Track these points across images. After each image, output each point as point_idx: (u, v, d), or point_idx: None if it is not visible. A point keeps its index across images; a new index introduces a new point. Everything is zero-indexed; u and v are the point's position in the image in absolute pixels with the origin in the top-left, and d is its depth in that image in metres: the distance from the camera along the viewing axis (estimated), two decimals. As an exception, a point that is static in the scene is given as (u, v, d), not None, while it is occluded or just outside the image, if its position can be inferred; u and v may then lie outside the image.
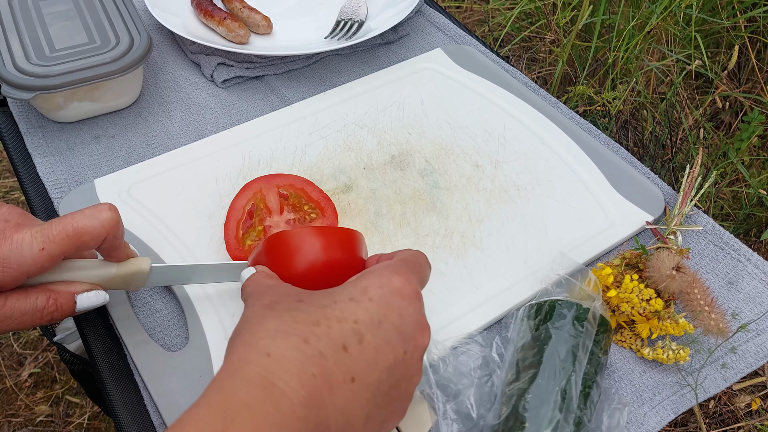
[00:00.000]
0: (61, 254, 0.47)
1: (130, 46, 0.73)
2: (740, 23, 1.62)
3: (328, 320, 0.40)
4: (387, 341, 0.41)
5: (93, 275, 0.51)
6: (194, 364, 0.54)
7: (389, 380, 0.41)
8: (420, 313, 0.44)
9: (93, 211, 0.48)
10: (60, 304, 0.49)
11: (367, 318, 0.41)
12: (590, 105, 1.51)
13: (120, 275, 0.52)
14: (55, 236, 0.47)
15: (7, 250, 0.45)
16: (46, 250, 0.46)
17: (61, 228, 0.47)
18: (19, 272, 0.46)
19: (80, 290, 0.50)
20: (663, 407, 0.55)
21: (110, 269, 0.51)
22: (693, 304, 0.58)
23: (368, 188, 0.69)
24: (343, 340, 0.39)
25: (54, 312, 0.49)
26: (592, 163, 0.72)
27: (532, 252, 0.64)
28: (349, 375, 0.39)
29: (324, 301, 0.42)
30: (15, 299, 0.48)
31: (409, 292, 0.43)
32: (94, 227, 0.48)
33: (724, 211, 1.51)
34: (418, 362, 0.43)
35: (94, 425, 1.36)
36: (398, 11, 0.88)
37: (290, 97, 0.81)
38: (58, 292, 0.49)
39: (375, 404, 0.40)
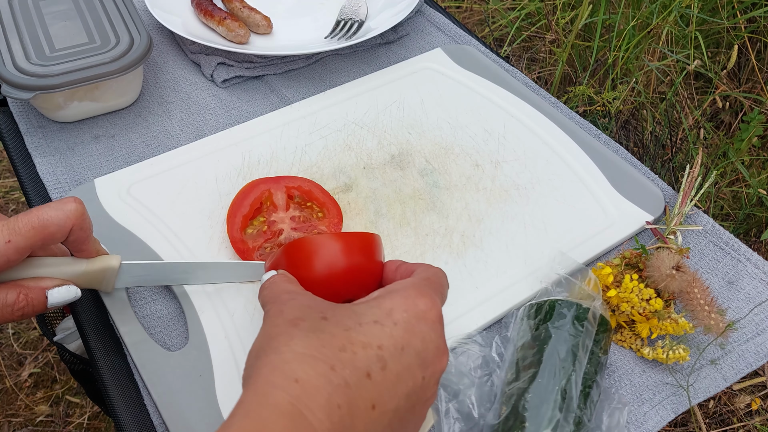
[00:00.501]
0: (28, 246, 0.47)
1: (130, 45, 0.73)
2: (740, 23, 1.62)
3: (353, 345, 0.40)
4: (408, 368, 0.41)
5: (63, 272, 0.51)
6: (194, 363, 0.54)
7: (406, 406, 0.41)
8: (441, 339, 0.44)
9: (58, 203, 0.49)
10: (30, 299, 0.49)
11: (391, 344, 0.41)
12: (590, 105, 1.51)
13: (90, 271, 0.52)
14: (21, 228, 0.47)
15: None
16: (13, 243, 0.46)
17: (27, 220, 0.47)
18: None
19: (51, 285, 0.50)
20: (663, 407, 0.55)
21: (80, 265, 0.52)
22: (693, 303, 0.58)
23: (368, 188, 0.69)
24: (367, 367, 0.39)
25: (25, 307, 0.49)
26: (592, 163, 0.72)
27: (532, 251, 0.64)
28: (370, 403, 0.39)
29: (348, 322, 0.41)
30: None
31: (433, 317, 0.43)
32: (59, 218, 0.48)
33: (724, 211, 1.51)
34: (434, 385, 0.43)
35: (94, 425, 1.36)
36: (398, 11, 0.88)
37: (290, 97, 0.81)
38: (28, 287, 0.49)
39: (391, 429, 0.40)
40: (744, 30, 1.64)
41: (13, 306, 0.49)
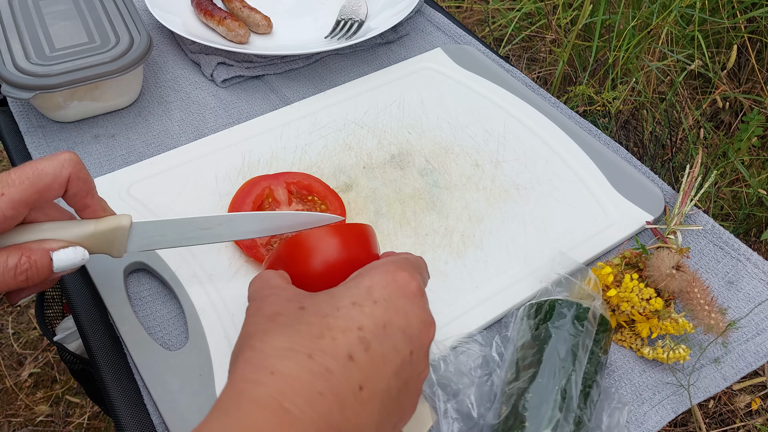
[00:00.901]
0: (23, 200, 0.44)
1: (130, 45, 0.73)
2: (740, 23, 1.62)
3: (332, 331, 0.39)
4: (393, 346, 0.40)
5: (69, 233, 0.48)
6: (194, 363, 0.54)
7: (398, 384, 0.40)
8: (424, 311, 0.43)
9: (52, 155, 0.46)
10: (34, 261, 0.46)
11: (372, 324, 0.40)
12: (590, 105, 1.51)
13: (99, 232, 0.48)
14: (14, 180, 0.44)
15: None
16: (6, 195, 0.44)
17: (20, 172, 0.45)
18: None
19: (56, 247, 0.47)
20: (663, 406, 0.55)
21: (88, 226, 0.48)
22: (693, 303, 0.58)
23: (368, 187, 0.69)
24: (349, 350, 0.39)
25: (28, 271, 0.46)
26: (592, 163, 0.72)
27: (532, 251, 0.64)
28: (357, 385, 0.38)
29: (326, 308, 0.41)
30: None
31: (414, 289, 0.43)
32: (54, 167, 0.45)
33: (724, 211, 1.51)
34: (424, 359, 0.42)
35: (94, 425, 1.36)
36: (398, 11, 0.88)
37: (290, 97, 0.81)
38: (31, 249, 0.46)
39: (386, 411, 0.40)
40: (744, 30, 1.64)
41: (16, 269, 0.45)
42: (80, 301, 0.60)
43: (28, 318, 1.52)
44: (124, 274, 0.60)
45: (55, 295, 1.07)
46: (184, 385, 0.53)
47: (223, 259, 0.62)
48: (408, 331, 0.41)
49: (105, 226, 0.49)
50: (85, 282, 0.61)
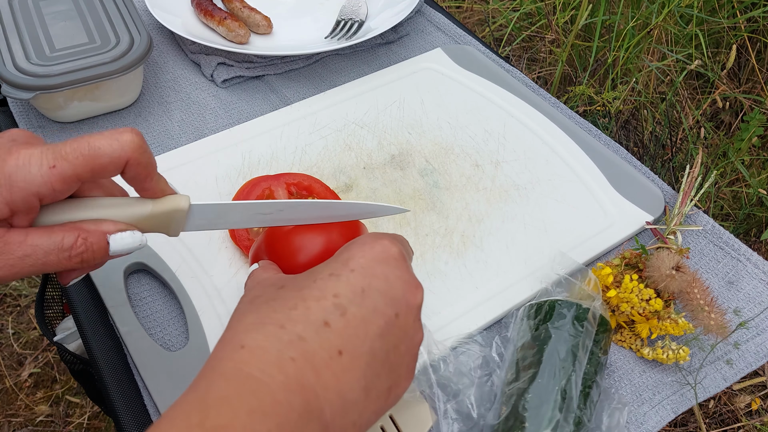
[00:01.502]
0: (75, 176, 0.42)
1: (130, 46, 0.73)
2: (740, 23, 1.62)
3: (306, 301, 0.39)
4: (374, 308, 0.40)
5: (126, 213, 0.45)
6: (194, 363, 0.54)
7: (384, 346, 0.40)
8: (407, 273, 0.42)
9: (112, 132, 0.43)
10: (90, 243, 0.43)
11: (349, 290, 0.40)
12: (590, 105, 1.51)
13: (156, 214, 0.46)
14: (68, 154, 0.41)
15: (14, 166, 0.40)
16: (58, 168, 0.41)
17: (75, 146, 0.42)
18: (27, 192, 0.41)
19: (113, 230, 0.44)
20: (663, 407, 0.55)
21: (145, 206, 0.45)
22: (693, 303, 0.58)
23: (368, 188, 0.69)
24: (324, 317, 0.38)
25: (84, 253, 0.43)
26: (592, 163, 0.72)
27: (532, 252, 0.64)
28: (335, 350, 0.38)
29: (304, 282, 0.41)
30: (37, 236, 0.42)
31: (394, 255, 0.42)
32: (112, 148, 0.42)
33: (724, 211, 1.51)
34: (414, 322, 0.42)
35: (94, 425, 1.36)
36: (398, 11, 0.88)
37: (290, 97, 0.81)
38: (87, 230, 0.43)
39: (373, 374, 0.39)
40: (744, 30, 1.64)
41: (71, 250, 0.42)
42: (80, 301, 0.60)
43: (28, 318, 1.52)
44: (124, 274, 0.60)
45: (55, 295, 1.07)
46: (184, 385, 0.53)
47: (223, 260, 0.62)
48: (390, 293, 0.41)
49: (162, 207, 0.46)
50: (85, 282, 0.61)
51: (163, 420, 0.33)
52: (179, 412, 0.34)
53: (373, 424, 0.40)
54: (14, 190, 0.40)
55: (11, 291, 1.56)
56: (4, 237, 0.41)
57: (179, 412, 0.34)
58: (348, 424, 0.38)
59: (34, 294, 1.53)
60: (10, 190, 0.40)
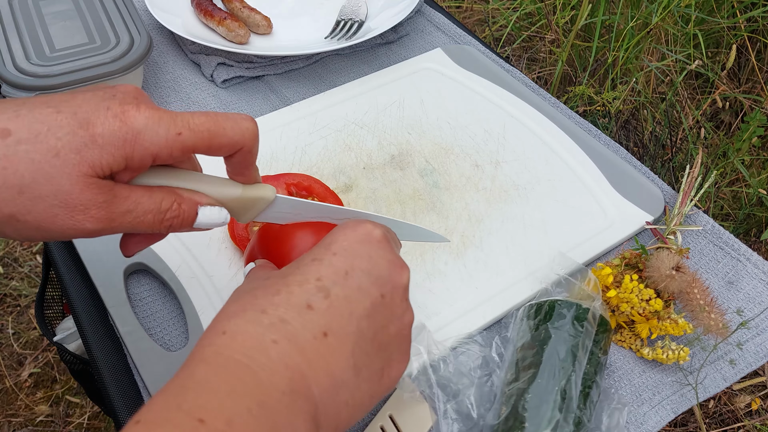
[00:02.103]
0: (194, 148, 0.43)
1: (130, 46, 0.73)
2: (740, 23, 1.62)
3: (289, 287, 0.39)
4: (358, 288, 0.40)
5: (218, 191, 0.46)
6: (194, 363, 0.54)
7: (372, 326, 0.40)
8: (392, 254, 0.43)
9: (235, 116, 0.44)
10: (183, 210, 0.44)
11: (331, 272, 0.40)
12: (590, 105, 1.51)
13: (244, 198, 0.47)
14: (196, 125, 0.42)
15: (142, 124, 0.40)
16: (183, 136, 0.42)
17: (204, 119, 0.43)
18: (148, 152, 0.41)
19: (204, 202, 0.45)
20: (662, 407, 0.55)
21: (236, 189, 0.47)
22: (693, 304, 0.58)
23: (368, 188, 0.69)
24: (306, 300, 0.39)
25: (175, 218, 0.44)
26: (592, 163, 0.72)
27: (532, 252, 0.64)
28: (319, 331, 0.38)
29: (288, 270, 0.41)
30: (140, 193, 0.43)
31: (377, 237, 0.43)
32: (234, 132, 0.43)
33: (724, 211, 1.51)
34: (402, 302, 0.42)
35: (94, 425, 1.37)
36: (398, 11, 0.88)
37: (290, 97, 0.81)
38: (183, 197, 0.44)
39: (363, 353, 0.39)
40: (743, 30, 1.64)
41: (165, 213, 0.44)
42: (80, 301, 0.60)
43: (28, 318, 1.52)
44: (124, 274, 0.60)
45: (55, 295, 1.07)
46: (184, 385, 0.53)
47: (223, 260, 0.62)
48: (374, 272, 0.41)
49: (251, 194, 0.47)
50: (85, 282, 0.61)
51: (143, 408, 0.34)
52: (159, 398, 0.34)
53: (368, 407, 0.40)
54: (137, 147, 0.41)
55: (11, 291, 1.56)
56: (112, 190, 0.41)
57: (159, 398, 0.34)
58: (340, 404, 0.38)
59: (34, 294, 1.53)
60: (133, 146, 0.40)
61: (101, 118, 0.40)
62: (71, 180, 0.39)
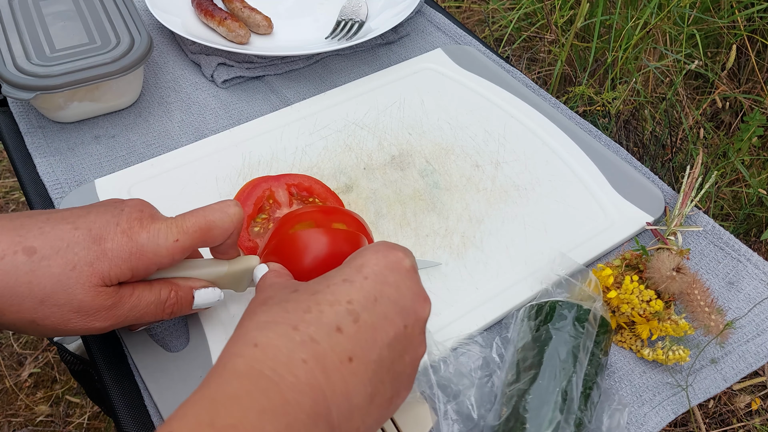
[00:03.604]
0: (192, 247, 0.48)
1: (131, 46, 0.73)
2: (739, 22, 1.62)
3: (320, 305, 0.40)
4: (385, 317, 0.41)
5: (208, 272, 0.51)
6: (195, 364, 0.54)
7: (391, 355, 0.40)
8: (417, 285, 0.43)
9: (222, 205, 0.49)
10: (180, 297, 0.50)
11: (362, 297, 0.41)
12: (590, 105, 1.51)
13: (231, 273, 0.52)
14: (188, 228, 0.47)
15: (145, 239, 0.46)
16: (180, 242, 0.47)
17: (195, 221, 0.48)
18: (152, 262, 0.47)
19: (198, 286, 0.51)
20: (663, 407, 0.55)
21: (222, 267, 0.52)
22: (693, 304, 0.58)
23: (368, 188, 0.69)
24: (337, 322, 0.39)
25: (174, 305, 0.50)
26: (592, 164, 0.72)
27: (532, 252, 0.64)
28: (345, 355, 0.38)
29: (318, 287, 0.42)
30: (142, 289, 0.48)
31: (407, 266, 0.43)
32: (224, 222, 0.48)
33: (724, 211, 1.51)
34: (420, 334, 0.43)
35: (94, 425, 1.36)
36: (398, 11, 0.88)
37: (290, 98, 0.81)
38: (179, 285, 0.50)
39: (378, 381, 0.40)
40: (743, 30, 1.64)
41: (165, 302, 0.49)
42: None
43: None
44: (124, 275, 0.60)
45: (55, 296, 1.07)
46: (185, 386, 0.53)
47: (223, 260, 0.62)
48: (400, 302, 0.42)
49: (237, 267, 0.52)
50: (86, 283, 0.61)
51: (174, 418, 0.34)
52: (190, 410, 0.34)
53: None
54: (142, 260, 0.46)
55: (11, 291, 1.56)
56: (118, 293, 0.47)
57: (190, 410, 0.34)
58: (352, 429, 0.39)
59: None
60: (139, 259, 0.46)
61: (111, 233, 0.46)
62: (84, 290, 0.45)
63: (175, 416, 0.34)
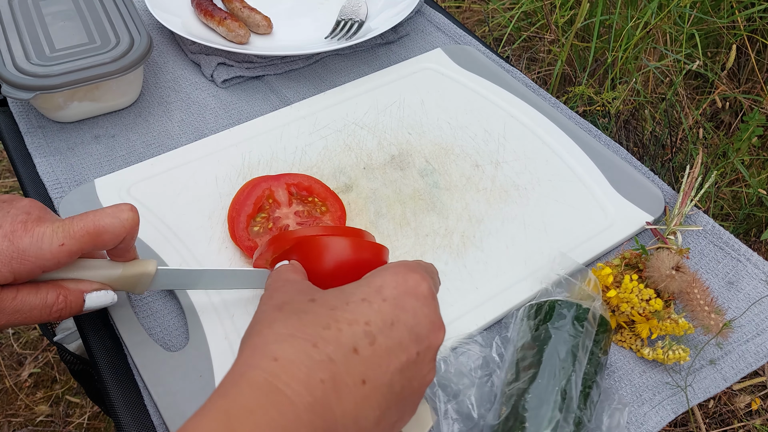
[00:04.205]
0: (80, 251, 0.47)
1: (130, 46, 0.73)
2: (739, 22, 1.62)
3: (338, 323, 0.39)
4: (399, 343, 0.40)
5: (101, 275, 0.51)
6: (194, 363, 0.54)
7: (401, 381, 0.40)
8: (434, 313, 0.43)
9: (114, 210, 0.48)
10: (69, 301, 0.49)
11: (379, 319, 0.40)
12: (590, 105, 1.51)
13: (126, 276, 0.52)
14: (76, 232, 0.47)
15: (28, 243, 0.45)
16: (66, 246, 0.46)
17: (82, 225, 0.47)
18: (35, 266, 0.46)
19: (89, 289, 0.50)
20: (663, 407, 0.55)
21: (116, 270, 0.51)
22: (693, 304, 0.58)
23: (368, 188, 0.69)
24: (354, 342, 0.39)
25: (63, 309, 0.49)
26: (592, 163, 0.72)
27: (532, 252, 0.64)
28: (359, 378, 0.38)
29: (335, 302, 0.41)
30: (26, 293, 0.47)
31: (425, 291, 0.43)
32: (114, 227, 0.48)
33: (724, 211, 1.51)
34: (431, 361, 0.43)
35: (94, 425, 1.36)
36: (398, 11, 0.88)
37: (290, 97, 0.81)
38: (68, 289, 0.49)
39: (386, 405, 0.40)
40: (743, 29, 1.64)
41: (52, 307, 0.48)
42: (80, 301, 0.60)
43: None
44: (124, 274, 0.60)
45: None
46: (184, 385, 0.53)
47: (223, 259, 0.62)
48: (416, 329, 0.41)
49: (132, 271, 0.52)
50: (86, 282, 0.61)
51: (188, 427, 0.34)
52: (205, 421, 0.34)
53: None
54: (24, 264, 0.45)
55: (11, 291, 1.56)
56: None
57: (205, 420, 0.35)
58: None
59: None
60: (20, 263, 0.45)
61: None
62: None
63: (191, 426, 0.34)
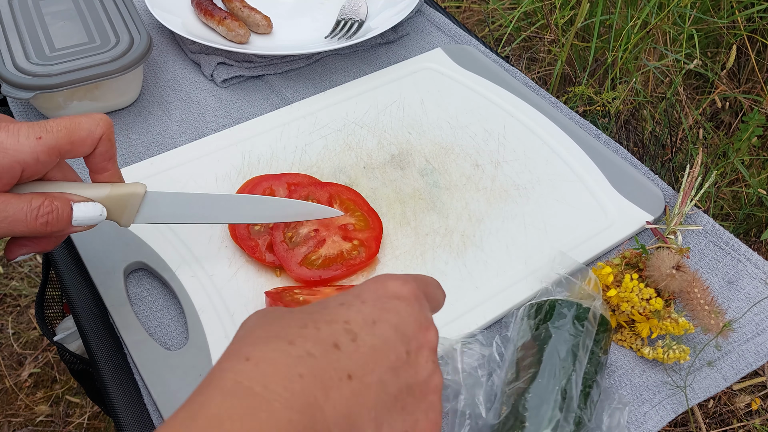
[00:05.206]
0: (57, 147, 0.46)
1: (130, 45, 0.73)
2: (739, 22, 1.62)
3: (317, 322, 0.38)
4: (384, 340, 0.39)
5: (87, 193, 0.50)
6: (194, 363, 0.54)
7: (396, 383, 0.39)
8: (420, 313, 0.42)
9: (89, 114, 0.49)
10: (56, 206, 0.47)
11: (360, 318, 0.39)
12: (590, 105, 1.51)
13: (114, 196, 0.50)
14: (52, 127, 0.46)
15: (4, 136, 0.45)
16: (44, 140, 0.46)
17: (58, 121, 0.47)
18: (14, 159, 0.45)
19: (77, 199, 0.49)
20: (663, 407, 0.55)
21: (104, 189, 0.50)
22: (693, 303, 0.58)
23: (368, 187, 0.69)
24: (334, 339, 0.37)
25: (50, 215, 0.47)
26: (592, 163, 0.72)
27: (532, 251, 0.64)
28: (344, 373, 0.37)
29: (314, 308, 0.40)
30: (9, 196, 0.46)
31: (406, 294, 0.42)
32: (90, 123, 0.48)
33: (724, 211, 1.51)
34: (427, 363, 0.41)
35: (94, 425, 1.36)
36: (398, 11, 0.88)
37: (290, 97, 0.81)
38: (53, 195, 0.48)
39: (385, 408, 0.38)
40: (743, 29, 1.64)
41: (38, 210, 0.47)
42: (80, 301, 0.60)
43: (28, 318, 1.52)
44: (124, 274, 0.60)
45: (55, 295, 1.07)
46: (184, 384, 0.53)
47: (223, 258, 0.62)
48: (401, 328, 0.40)
49: (120, 191, 0.50)
50: (85, 282, 0.61)
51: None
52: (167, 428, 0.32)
53: None
54: (3, 156, 0.45)
55: (11, 291, 1.56)
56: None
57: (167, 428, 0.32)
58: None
59: (34, 294, 1.53)
60: None
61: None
62: None
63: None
